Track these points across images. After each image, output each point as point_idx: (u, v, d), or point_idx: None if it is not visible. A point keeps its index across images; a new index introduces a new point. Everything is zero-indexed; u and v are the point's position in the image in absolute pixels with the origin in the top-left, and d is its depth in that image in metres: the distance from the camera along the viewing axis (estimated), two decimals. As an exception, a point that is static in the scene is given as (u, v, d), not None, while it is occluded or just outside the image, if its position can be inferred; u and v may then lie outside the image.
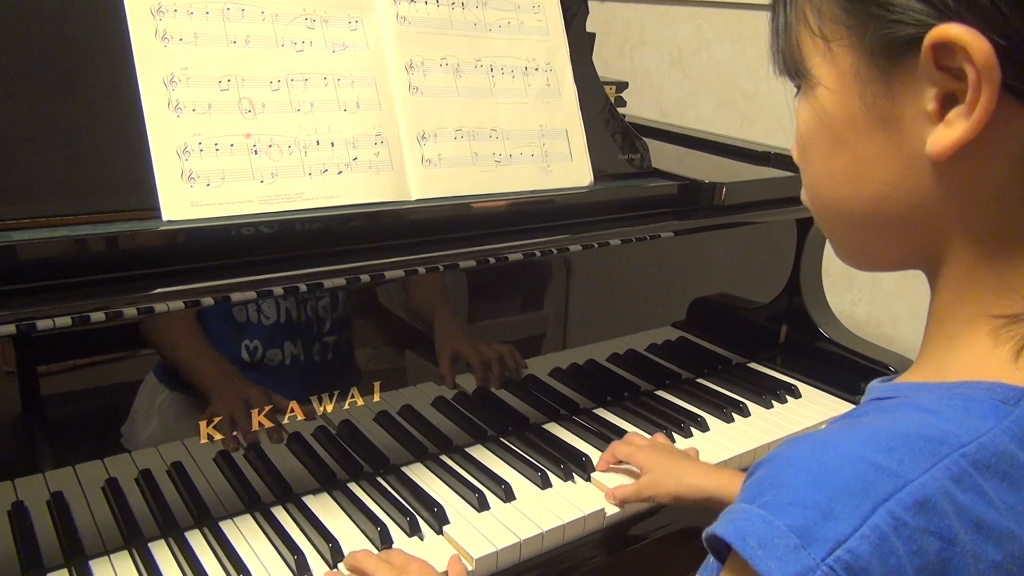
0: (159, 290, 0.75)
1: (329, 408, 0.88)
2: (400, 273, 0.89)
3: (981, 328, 0.45)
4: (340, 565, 0.80)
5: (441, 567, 0.80)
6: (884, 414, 0.46)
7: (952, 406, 0.43)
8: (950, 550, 0.39)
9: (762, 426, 1.12)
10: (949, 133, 0.41)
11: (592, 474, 0.97)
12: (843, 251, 0.52)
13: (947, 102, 0.41)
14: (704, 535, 0.44)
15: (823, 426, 0.49)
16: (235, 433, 0.83)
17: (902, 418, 0.44)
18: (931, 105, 0.42)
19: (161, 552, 0.80)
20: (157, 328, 0.78)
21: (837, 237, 0.52)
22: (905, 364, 1.10)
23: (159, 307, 0.75)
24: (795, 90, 0.50)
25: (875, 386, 0.50)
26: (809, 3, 0.46)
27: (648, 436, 1.04)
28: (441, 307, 0.97)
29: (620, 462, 0.98)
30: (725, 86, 1.94)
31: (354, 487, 0.92)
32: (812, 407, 1.18)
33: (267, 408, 0.84)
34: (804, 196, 0.52)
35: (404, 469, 0.96)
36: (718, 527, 0.43)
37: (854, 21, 0.44)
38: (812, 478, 0.41)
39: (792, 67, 0.49)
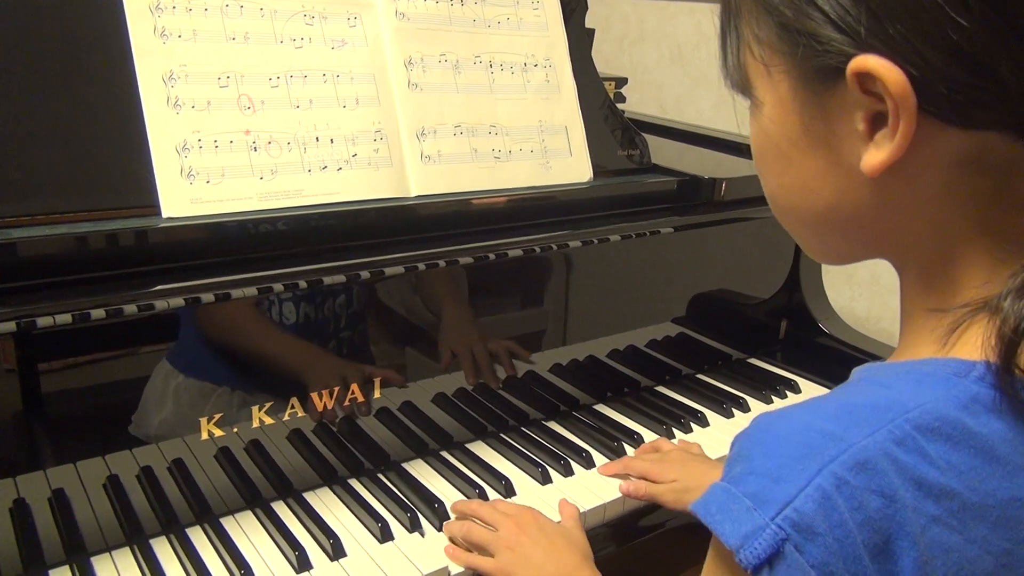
0: (159, 287, 0.75)
1: (329, 404, 0.89)
2: (400, 270, 0.89)
3: (930, 322, 0.48)
4: (452, 515, 0.87)
5: (438, 564, 0.80)
6: (843, 390, 0.49)
7: (907, 380, 0.46)
8: (891, 506, 0.42)
9: (762, 421, 1.12)
10: (878, 153, 0.44)
11: (592, 470, 0.97)
12: (807, 249, 0.56)
13: (877, 121, 0.44)
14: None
15: None
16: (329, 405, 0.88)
17: (857, 392, 0.48)
18: (861, 126, 0.44)
19: (162, 548, 0.80)
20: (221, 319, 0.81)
21: (799, 238, 0.55)
22: (905, 359, 1.10)
23: (159, 304, 0.75)
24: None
25: (855, 369, 0.52)
26: (750, 30, 0.49)
27: (651, 433, 1.04)
28: (442, 303, 0.97)
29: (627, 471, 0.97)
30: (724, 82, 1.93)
31: (355, 483, 0.92)
32: (812, 402, 1.18)
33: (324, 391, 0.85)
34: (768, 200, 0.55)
35: (405, 465, 0.96)
36: (693, 504, 0.47)
37: (788, 49, 0.46)
38: (765, 448, 0.45)
39: (739, 86, 0.51)
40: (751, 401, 1.16)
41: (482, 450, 1.00)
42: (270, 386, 0.85)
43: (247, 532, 0.83)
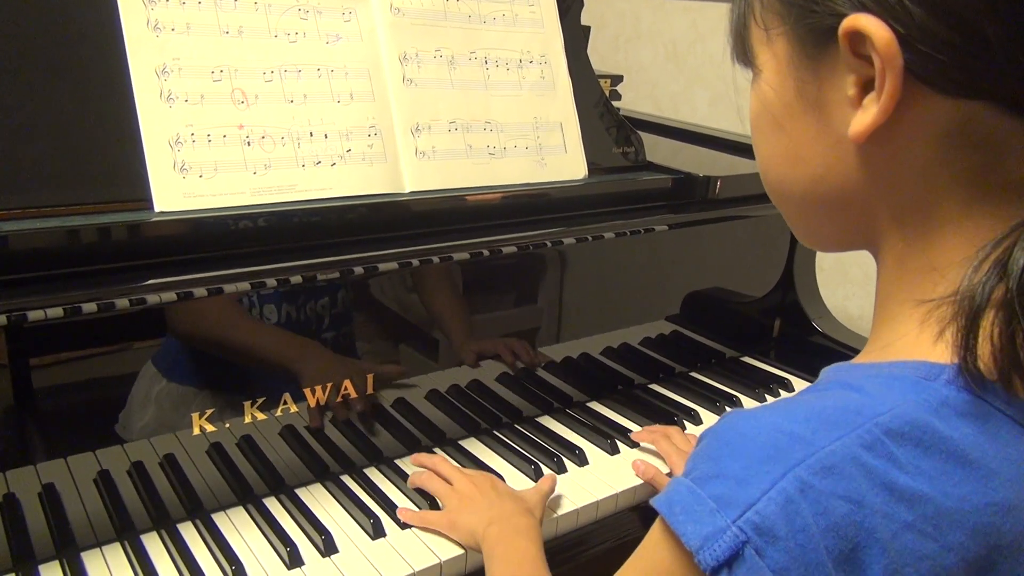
0: (151, 281, 0.75)
1: (323, 400, 0.88)
2: (394, 265, 0.89)
3: (914, 312, 0.47)
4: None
5: (429, 561, 0.80)
6: (813, 392, 0.49)
7: (877, 384, 0.45)
8: (859, 512, 0.42)
9: (755, 419, 1.12)
10: (865, 117, 0.44)
11: (585, 467, 0.97)
12: (795, 230, 0.55)
13: (866, 87, 0.44)
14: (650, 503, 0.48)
15: None
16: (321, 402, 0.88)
17: (827, 395, 0.47)
18: (852, 90, 0.44)
19: (153, 544, 0.80)
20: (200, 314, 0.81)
21: (787, 217, 0.55)
22: (898, 358, 1.10)
23: (151, 298, 0.75)
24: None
25: (824, 369, 0.52)
26: None
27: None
28: (437, 300, 0.97)
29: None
30: (720, 80, 1.94)
31: (347, 479, 0.92)
32: (805, 401, 1.19)
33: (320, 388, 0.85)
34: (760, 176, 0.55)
35: (397, 461, 0.96)
36: (655, 498, 0.47)
37: (785, 10, 0.47)
38: (732, 450, 0.45)
39: (743, 55, 0.52)
40: (744, 399, 1.16)
41: (475, 447, 1.00)
42: (263, 383, 0.85)
43: (238, 528, 0.83)
